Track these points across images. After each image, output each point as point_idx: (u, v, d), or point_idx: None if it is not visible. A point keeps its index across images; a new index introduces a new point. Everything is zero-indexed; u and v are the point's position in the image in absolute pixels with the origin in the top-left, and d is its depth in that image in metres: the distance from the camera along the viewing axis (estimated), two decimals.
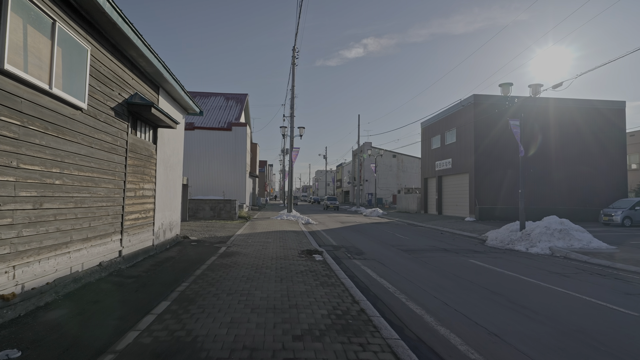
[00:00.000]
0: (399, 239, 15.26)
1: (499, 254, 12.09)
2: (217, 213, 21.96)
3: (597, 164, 25.79)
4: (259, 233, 14.86)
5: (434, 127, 32.00)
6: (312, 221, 23.50)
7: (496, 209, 24.28)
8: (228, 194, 29.45)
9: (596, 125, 25.83)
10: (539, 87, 14.88)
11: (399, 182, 57.90)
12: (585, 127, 25.76)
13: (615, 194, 25.70)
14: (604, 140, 25.88)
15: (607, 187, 25.76)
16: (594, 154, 25.75)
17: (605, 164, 25.88)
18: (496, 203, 24.85)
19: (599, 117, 25.92)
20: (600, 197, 25.61)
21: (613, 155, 26.01)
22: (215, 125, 30.35)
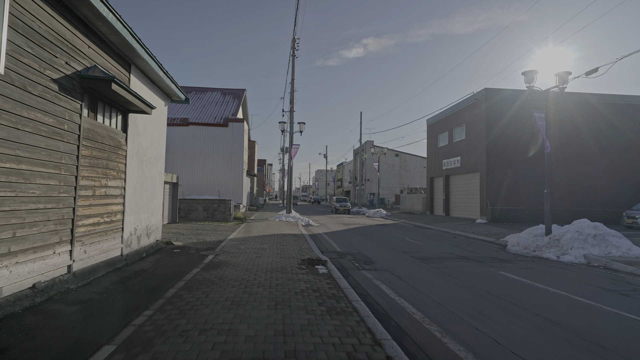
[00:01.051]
0: (410, 244, 13.70)
1: (528, 262, 10.54)
2: (211, 214, 20.40)
3: (617, 163, 24.23)
4: (254, 237, 13.30)
5: (440, 124, 30.43)
6: (312, 223, 21.95)
7: (510, 211, 22.72)
8: (224, 193, 27.90)
9: (614, 121, 24.28)
10: (567, 75, 13.32)
11: (401, 182, 56.35)
12: (602, 125, 24.20)
13: (636, 195, 24.14)
14: (624, 138, 24.33)
15: (625, 187, 24.20)
16: (611, 153, 24.19)
17: (626, 164, 24.31)
18: (509, 204, 23.28)
19: (617, 113, 24.36)
20: (619, 198, 24.05)
21: (633, 154, 24.44)
22: (210, 120, 28.80)
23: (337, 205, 35.25)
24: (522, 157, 23.70)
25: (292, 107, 24.66)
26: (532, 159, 23.75)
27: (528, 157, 23.74)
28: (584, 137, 24.01)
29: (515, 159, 23.65)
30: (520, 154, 23.71)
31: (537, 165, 23.71)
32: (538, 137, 23.93)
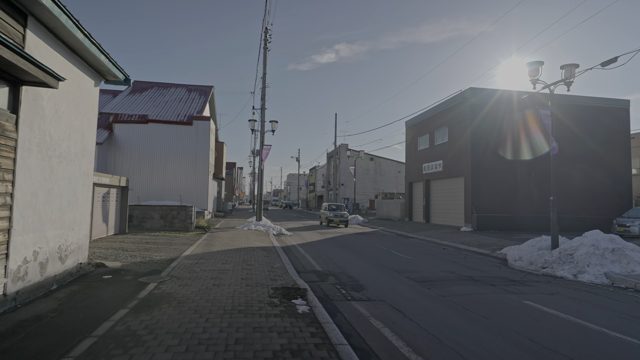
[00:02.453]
0: (400, 260, 11.79)
1: (545, 284, 8.81)
2: (169, 222, 17.87)
3: (599, 168, 23.40)
4: (216, 253, 11.01)
5: (420, 126, 28.98)
6: (285, 232, 19.78)
7: (496, 218, 21.35)
8: (187, 198, 25.26)
9: (598, 125, 23.48)
10: (574, 68, 11.84)
11: (376, 187, 54.95)
12: (587, 127, 23.34)
13: (620, 201, 23.39)
14: (607, 142, 23.56)
15: (611, 193, 23.40)
16: (595, 157, 23.36)
17: (608, 168, 23.52)
18: (496, 211, 21.92)
19: (601, 117, 23.60)
20: (605, 204, 23.20)
21: (616, 159, 23.71)
22: (173, 118, 26.15)
23: (331, 215, 24.80)
24: (510, 161, 22.45)
25: (264, 104, 22.46)
26: (521, 163, 22.55)
27: (516, 161, 22.51)
28: (568, 141, 23.03)
29: (502, 163, 22.36)
30: (508, 158, 22.44)
31: (525, 169, 22.52)
32: (528, 139, 22.78)
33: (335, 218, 24.66)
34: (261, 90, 22.69)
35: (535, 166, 22.70)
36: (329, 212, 25.05)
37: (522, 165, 22.51)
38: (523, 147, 22.59)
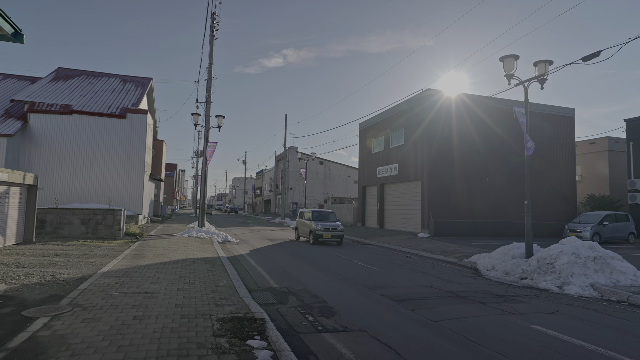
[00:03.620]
0: (367, 271, 10.34)
1: (535, 299, 7.76)
2: (93, 229, 15.16)
3: (547, 173, 23.77)
4: (146, 267, 8.86)
5: (375, 128, 28.10)
6: (231, 239, 17.73)
7: (454, 224, 20.76)
8: (118, 201, 22.27)
9: (545, 131, 23.87)
10: (547, 64, 11.17)
11: (325, 191, 53.84)
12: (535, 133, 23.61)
13: (566, 206, 23.88)
14: (553, 148, 24.02)
15: (558, 198, 23.83)
16: (542, 163, 23.70)
17: (555, 174, 23.97)
18: (453, 216, 21.36)
19: (547, 124, 24.02)
20: (553, 210, 23.56)
21: (562, 165, 24.24)
22: (103, 110, 23.04)
23: (318, 227, 16.63)
24: (467, 165, 22.04)
25: (209, 97, 20.25)
26: (478, 167, 22.24)
27: (473, 165, 22.16)
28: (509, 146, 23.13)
29: (460, 167, 21.89)
30: (465, 162, 22.04)
31: (482, 174, 22.23)
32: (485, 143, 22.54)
33: (325, 232, 16.35)
34: (206, 82, 20.48)
35: (491, 170, 22.52)
36: (315, 223, 16.68)
37: (479, 169, 22.22)
38: (480, 151, 22.33)
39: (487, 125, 22.48)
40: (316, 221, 17.01)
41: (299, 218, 18.95)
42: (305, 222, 17.77)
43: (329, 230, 16.53)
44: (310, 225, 17.06)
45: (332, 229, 16.55)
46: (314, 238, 16.59)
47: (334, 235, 16.58)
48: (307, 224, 17.42)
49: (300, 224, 18.58)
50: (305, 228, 17.83)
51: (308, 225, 17.32)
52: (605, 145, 26.24)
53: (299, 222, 18.86)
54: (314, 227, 16.61)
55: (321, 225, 16.60)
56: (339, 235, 16.67)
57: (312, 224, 16.85)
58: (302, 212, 18.90)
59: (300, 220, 18.84)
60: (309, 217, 17.62)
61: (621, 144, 26.59)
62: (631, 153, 20.70)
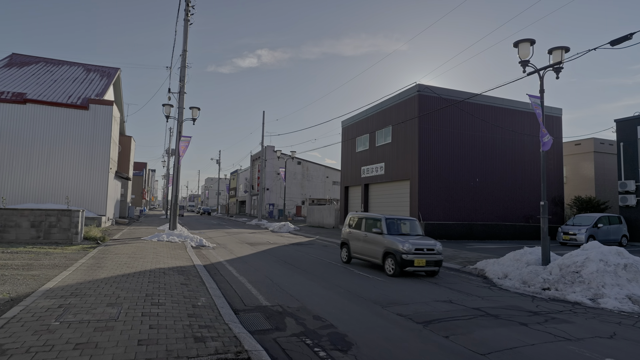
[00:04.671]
0: (370, 282, 8.96)
1: (575, 316, 6.60)
2: (45, 233, 13.12)
3: (535, 174, 23.17)
4: (103, 282, 7.15)
5: (359, 126, 26.87)
6: (206, 242, 16.00)
7: (445, 226, 19.72)
8: (79, 200, 20.08)
9: (533, 132, 23.28)
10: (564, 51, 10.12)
11: (303, 192, 52.34)
12: (523, 133, 23.00)
13: (554, 207, 23.35)
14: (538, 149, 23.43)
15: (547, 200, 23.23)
16: (531, 164, 23.10)
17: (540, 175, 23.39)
18: (444, 218, 20.35)
19: (534, 124, 23.44)
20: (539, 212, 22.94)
21: (549, 166, 23.71)
22: (63, 100, 20.76)
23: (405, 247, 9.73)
24: (457, 165, 21.09)
25: (183, 87, 18.42)
26: (469, 167, 21.34)
27: (465, 165, 21.24)
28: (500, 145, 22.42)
29: (451, 167, 20.91)
30: (456, 160, 21.09)
31: (473, 174, 21.33)
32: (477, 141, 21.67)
33: (418, 257, 9.71)
34: (180, 70, 18.63)
35: (482, 170, 21.68)
36: (395, 240, 10.02)
37: (470, 169, 21.34)
38: (471, 150, 21.46)
39: (478, 122, 21.64)
40: (395, 236, 10.24)
41: (350, 228, 12.02)
42: (370, 236, 10.82)
43: (424, 252, 9.74)
44: (382, 241, 10.23)
45: (428, 250, 9.84)
46: (396, 265, 9.60)
47: (430, 262, 9.76)
48: (375, 239, 10.59)
49: (354, 238, 11.61)
50: (368, 246, 10.89)
51: (378, 242, 10.43)
52: (590, 147, 26.01)
53: (350, 235, 11.87)
54: (398, 247, 9.62)
55: (410, 244, 9.61)
56: (438, 260, 9.92)
57: (389, 239, 10.04)
58: (359, 219, 11.81)
59: (353, 231, 11.75)
60: (375, 227, 10.75)
61: (606, 145, 26.45)
62: (621, 154, 20.32)
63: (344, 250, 12.19)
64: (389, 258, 10.00)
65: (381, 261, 10.28)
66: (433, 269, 9.95)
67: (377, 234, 10.55)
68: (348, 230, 12.14)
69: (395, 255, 9.74)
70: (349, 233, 12.02)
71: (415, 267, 9.66)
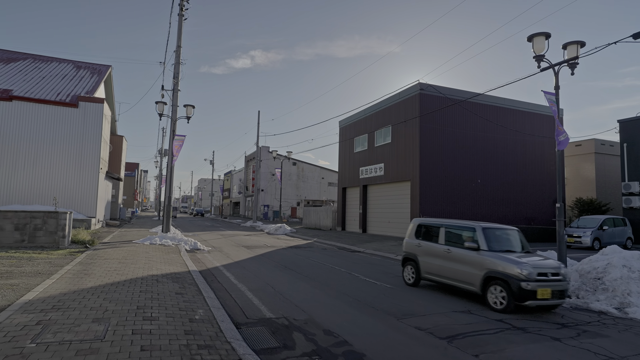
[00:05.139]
0: (378, 290, 8.37)
1: (602, 327, 6.13)
2: (30, 236, 12.38)
3: (534, 176, 22.80)
4: (89, 291, 6.50)
5: (358, 126, 26.33)
6: (201, 246, 15.33)
7: None
8: (68, 202, 19.32)
9: (533, 131, 22.91)
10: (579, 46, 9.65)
11: (298, 193, 51.71)
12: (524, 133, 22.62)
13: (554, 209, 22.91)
14: (540, 150, 23.10)
15: (546, 201, 22.90)
16: (532, 165, 22.72)
17: (543, 176, 23.05)
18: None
19: (535, 123, 23.09)
20: (542, 214, 22.59)
21: (550, 167, 23.37)
22: (51, 97, 19.97)
23: (524, 271, 6.75)
24: (459, 165, 20.63)
25: (177, 84, 17.75)
26: (471, 167, 20.89)
27: (466, 165, 20.79)
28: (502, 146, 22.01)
29: (451, 168, 20.43)
30: (457, 161, 20.62)
31: (475, 174, 20.88)
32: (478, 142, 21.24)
33: (543, 286, 6.77)
34: (174, 67, 17.96)
35: (484, 171, 21.24)
36: (508, 261, 7.12)
37: (471, 170, 20.89)
38: (472, 151, 21.02)
39: (479, 122, 21.20)
40: (500, 253, 7.39)
41: (419, 238, 9.08)
42: (457, 252, 7.91)
43: (548, 279, 6.92)
44: (481, 261, 7.38)
45: (553, 275, 7.02)
46: (510, 296, 6.82)
47: (556, 292, 6.93)
48: (465, 257, 7.69)
49: (427, 253, 8.65)
50: (454, 266, 7.92)
51: (472, 262, 7.55)
52: (591, 148, 25.72)
53: (419, 249, 8.92)
54: (513, 271, 6.88)
55: (531, 268, 6.81)
56: (563, 290, 7.13)
57: (492, 259, 7.30)
58: (435, 227, 8.81)
59: (424, 244, 8.82)
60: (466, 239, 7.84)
61: (607, 146, 26.18)
62: (625, 155, 19.98)
63: (408, 268, 9.22)
64: (495, 286, 7.04)
65: (479, 289, 7.27)
66: (558, 302, 6.98)
67: (471, 249, 7.56)
68: (416, 242, 9.12)
69: (508, 283, 6.80)
70: (418, 246, 9.02)
71: (539, 301, 6.68)
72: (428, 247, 8.75)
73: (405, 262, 9.42)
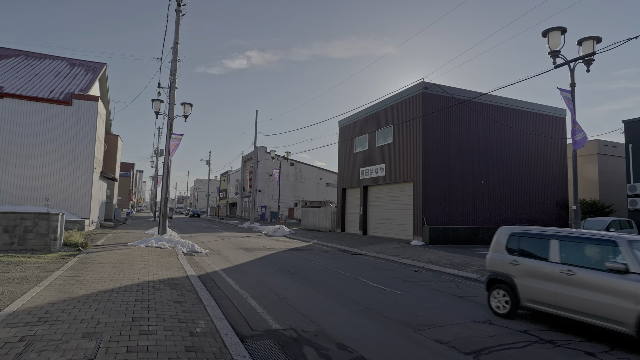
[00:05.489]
0: (389, 297, 7.92)
1: None
2: (20, 238, 11.84)
3: (537, 177, 22.46)
4: (80, 300, 6.01)
5: (358, 126, 25.90)
6: (199, 248, 14.82)
7: (451, 231, 18.79)
8: (60, 203, 18.77)
9: (538, 132, 22.58)
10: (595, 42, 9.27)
11: (296, 194, 51.21)
12: (529, 133, 22.28)
13: (558, 211, 22.66)
14: (544, 151, 22.77)
15: (550, 202, 22.57)
16: (533, 166, 22.38)
17: (548, 177, 22.72)
18: (448, 222, 19.46)
19: (540, 124, 22.77)
20: (546, 216, 22.26)
21: (554, 168, 23.06)
22: (43, 94, 19.41)
23: None
24: (462, 165, 20.25)
25: (174, 81, 17.23)
26: (475, 168, 20.53)
27: (470, 165, 20.41)
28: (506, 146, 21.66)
29: (454, 167, 20.04)
30: (460, 161, 20.24)
31: (479, 175, 20.51)
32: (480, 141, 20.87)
33: None
34: (170, 64, 17.44)
35: (487, 172, 20.87)
36: None
37: (475, 171, 20.51)
38: (475, 151, 20.65)
39: (482, 122, 20.84)
40: None
41: (515, 254, 6.78)
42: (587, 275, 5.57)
43: None
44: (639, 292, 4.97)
45: None
46: None
47: None
48: (604, 283, 5.33)
49: (532, 274, 6.33)
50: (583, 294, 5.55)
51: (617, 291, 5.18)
52: (594, 149, 25.43)
53: (517, 268, 6.58)
54: None
55: None
56: None
57: None
58: (540, 238, 6.53)
59: (526, 263, 6.51)
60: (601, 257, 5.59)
61: (609, 147, 25.92)
62: (630, 156, 19.67)
63: (498, 293, 6.86)
64: None
65: (633, 329, 4.96)
66: None
67: (614, 272, 5.28)
68: (510, 259, 6.79)
69: None
70: (514, 264, 6.66)
71: None
72: (531, 266, 6.37)
73: (493, 285, 7.02)
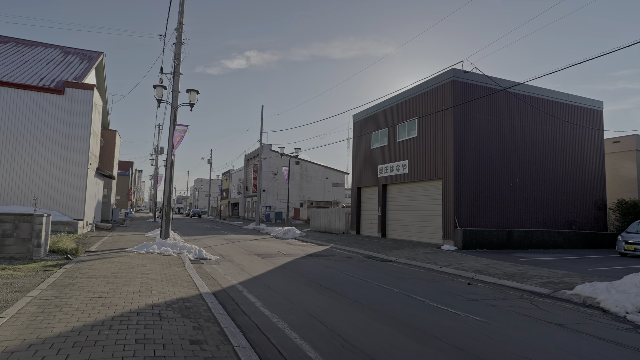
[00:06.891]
0: (462, 322, 6.03)
1: None
2: None
3: (574, 175, 20.61)
4: (54, 344, 4.12)
5: (375, 120, 24.01)
6: (207, 254, 12.94)
7: (485, 234, 16.91)
8: (50, 202, 16.91)
9: (573, 125, 20.73)
10: None
11: (301, 194, 49.32)
12: (564, 127, 20.43)
13: (596, 211, 20.84)
14: (581, 146, 20.92)
15: (587, 204, 20.71)
16: (572, 162, 20.54)
17: (583, 176, 20.86)
18: (483, 224, 17.61)
19: (575, 116, 20.91)
20: (584, 217, 20.41)
21: (591, 166, 21.21)
22: (33, 82, 17.52)
23: None
24: (495, 162, 18.41)
25: (178, 66, 15.36)
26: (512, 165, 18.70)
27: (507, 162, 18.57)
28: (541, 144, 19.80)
29: (487, 164, 18.20)
30: (494, 158, 18.40)
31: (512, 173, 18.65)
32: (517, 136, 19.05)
33: None
34: (174, 47, 15.58)
35: (522, 169, 19.03)
36: None
37: (509, 168, 18.68)
38: (511, 146, 18.80)
39: (516, 115, 18.99)
40: None
41: None
42: None
43: None
44: None
45: None
46: None
47: None
48: None
49: None
50: None
51: None
52: (632, 144, 23.58)
53: None
54: None
55: None
56: None
57: None
58: None
59: None
60: None
61: None
62: None
63: None
64: None
65: None
66: None
67: None
68: None
69: None
70: None
71: None
72: None
73: None
